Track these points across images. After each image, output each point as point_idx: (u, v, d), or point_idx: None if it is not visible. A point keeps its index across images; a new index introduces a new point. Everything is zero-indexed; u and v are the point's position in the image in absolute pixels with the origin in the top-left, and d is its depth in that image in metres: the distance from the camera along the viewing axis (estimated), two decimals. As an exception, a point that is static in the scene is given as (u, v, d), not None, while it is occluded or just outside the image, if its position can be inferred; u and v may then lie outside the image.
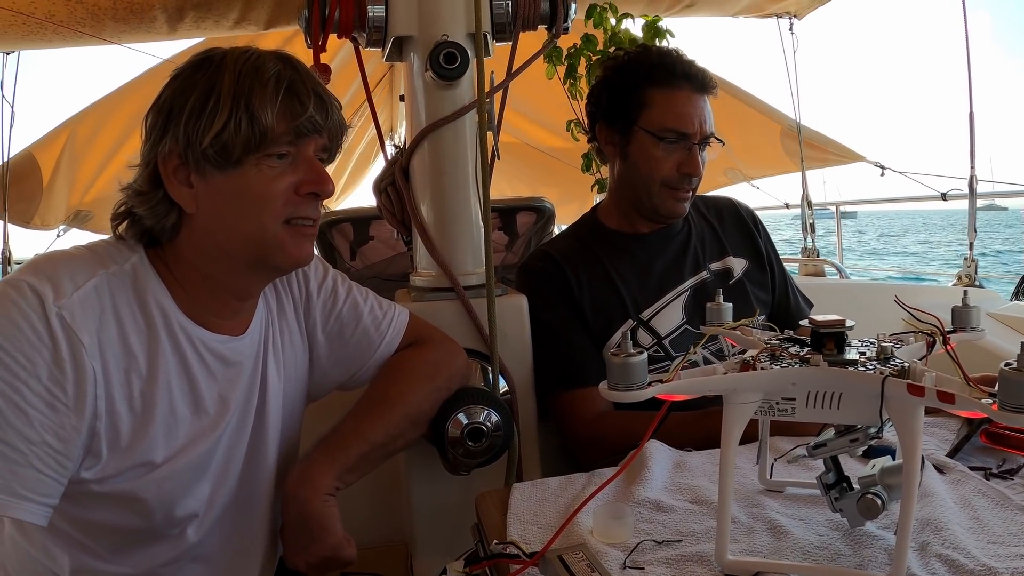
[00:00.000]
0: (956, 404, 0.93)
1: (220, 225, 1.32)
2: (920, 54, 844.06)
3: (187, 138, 1.26)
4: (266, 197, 1.30)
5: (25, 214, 4.75)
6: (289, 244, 1.34)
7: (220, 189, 1.29)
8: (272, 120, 1.26)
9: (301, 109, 1.29)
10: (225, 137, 1.24)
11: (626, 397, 1.02)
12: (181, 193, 1.30)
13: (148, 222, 1.33)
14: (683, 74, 2.00)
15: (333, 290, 1.63)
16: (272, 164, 1.30)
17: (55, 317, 1.19)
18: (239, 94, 1.25)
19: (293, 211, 1.33)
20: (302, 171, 1.33)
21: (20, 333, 1.17)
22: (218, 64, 1.28)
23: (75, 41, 3.90)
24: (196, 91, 1.26)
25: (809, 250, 5.56)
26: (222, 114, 1.24)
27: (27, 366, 1.17)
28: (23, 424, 1.16)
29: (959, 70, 4.45)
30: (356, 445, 1.49)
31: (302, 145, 1.32)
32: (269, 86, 1.27)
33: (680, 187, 2.02)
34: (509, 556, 1.16)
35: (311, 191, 1.33)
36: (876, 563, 1.11)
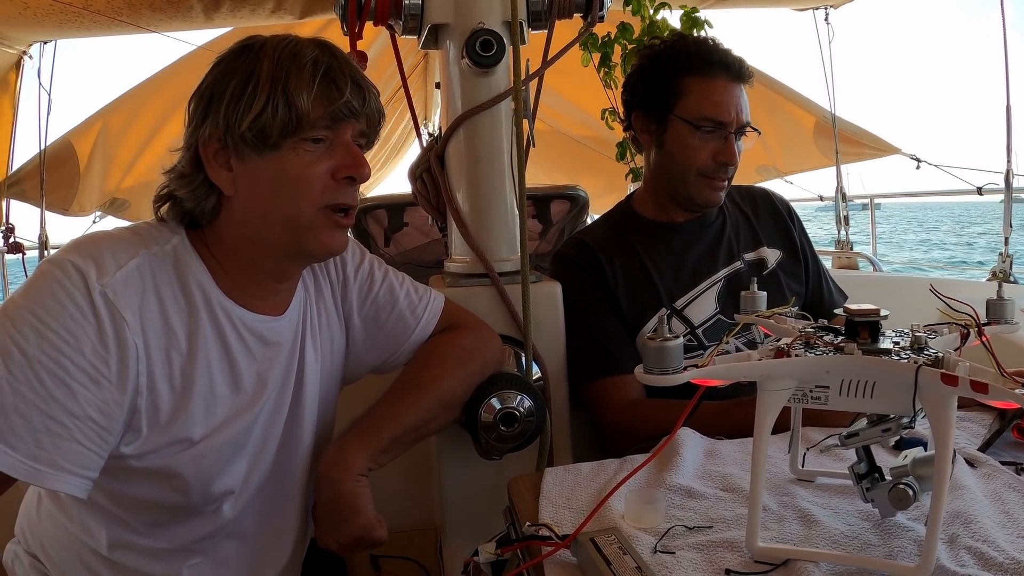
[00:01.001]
0: (990, 394, 0.93)
1: (258, 208, 1.34)
2: (954, 45, 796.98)
3: (227, 122, 1.28)
4: (303, 181, 1.32)
5: (64, 201, 4.81)
6: (324, 232, 1.36)
7: (258, 172, 1.31)
8: (308, 104, 1.28)
9: (338, 94, 1.30)
10: (263, 121, 1.26)
11: (661, 381, 1.02)
12: (221, 176, 1.33)
13: (188, 204, 1.35)
14: (720, 63, 2.00)
15: (370, 274, 1.65)
16: (309, 148, 1.31)
17: (98, 295, 1.22)
18: (277, 79, 1.27)
19: (331, 197, 1.35)
20: (339, 156, 1.34)
21: (64, 310, 1.20)
22: (258, 51, 1.31)
23: (112, 29, 3.94)
24: (236, 76, 1.29)
25: (843, 243, 5.52)
26: (260, 98, 1.26)
27: (71, 342, 1.19)
28: (67, 398, 1.19)
29: (993, 61, 4.41)
30: (389, 427, 1.50)
31: (339, 130, 1.34)
32: (306, 71, 1.29)
33: (716, 176, 2.02)
34: (541, 538, 1.17)
35: (348, 175, 1.35)
36: (905, 554, 1.11)
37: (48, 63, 4.58)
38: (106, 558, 1.40)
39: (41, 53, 4.54)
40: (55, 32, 4.21)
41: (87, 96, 13.99)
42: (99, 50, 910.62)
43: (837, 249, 5.52)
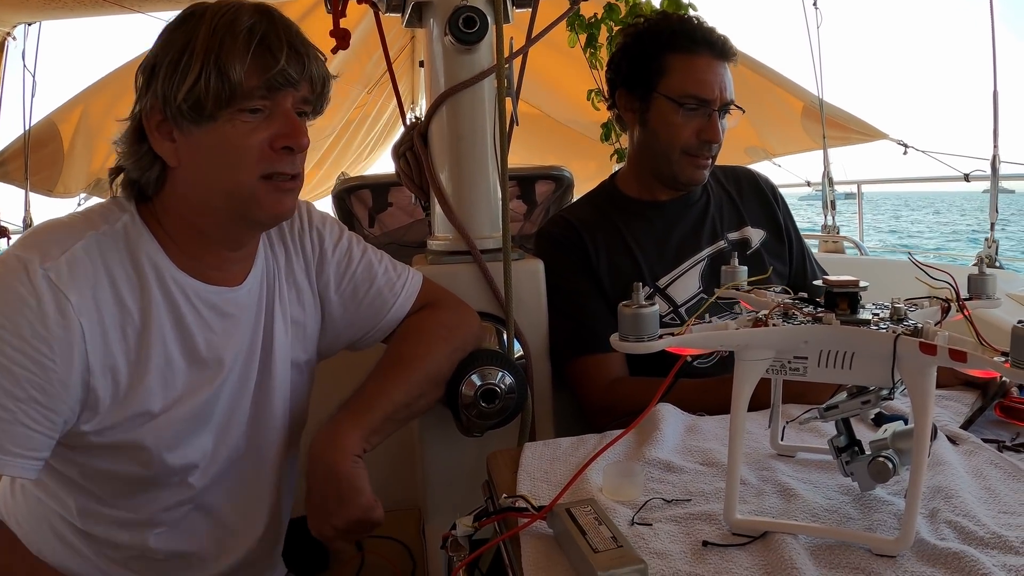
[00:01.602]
0: (968, 362, 0.93)
1: (200, 179, 1.34)
2: (942, 31, 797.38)
3: (164, 94, 1.27)
4: (240, 151, 1.30)
5: (48, 182, 4.79)
6: (265, 199, 1.35)
7: (198, 143, 1.31)
8: (241, 75, 1.26)
9: (273, 62, 1.28)
10: (197, 92, 1.25)
11: (637, 348, 1.02)
12: (164, 147, 1.32)
13: (133, 174, 1.36)
14: (704, 40, 1.99)
15: (348, 251, 1.64)
16: (246, 119, 1.30)
17: (40, 279, 1.23)
18: (211, 49, 1.25)
19: (269, 166, 1.33)
20: (277, 125, 1.32)
21: (3, 302, 1.22)
22: (198, 19, 1.29)
23: (96, 10, 3.92)
24: (175, 47, 1.28)
25: (829, 227, 5.53)
26: (194, 69, 1.25)
27: (8, 327, 1.20)
28: (9, 383, 1.20)
29: (980, 50, 4.42)
30: (381, 406, 1.50)
31: (278, 99, 1.32)
32: (240, 39, 1.27)
33: (700, 154, 2.01)
34: (518, 510, 1.16)
35: (285, 145, 1.32)
36: (885, 527, 1.11)
37: (32, 44, 4.57)
38: (77, 528, 1.39)
39: (25, 34, 4.51)
40: (39, 13, 4.18)
41: (71, 77, 13.87)
42: (83, 31, 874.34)
43: (824, 233, 5.53)
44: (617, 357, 1.98)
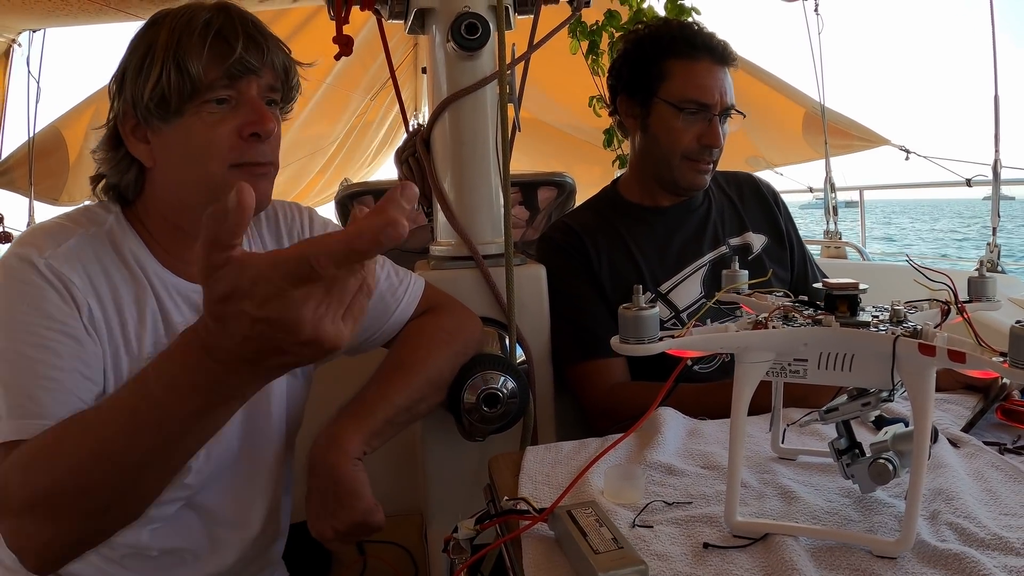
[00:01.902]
0: (967, 363, 0.93)
1: (174, 175, 1.37)
2: (943, 36, 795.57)
3: (132, 96, 1.31)
4: (209, 143, 1.32)
5: (53, 190, 4.80)
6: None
7: (169, 141, 1.34)
8: (200, 68, 1.28)
9: (230, 51, 1.30)
10: (160, 90, 1.28)
11: (637, 350, 1.02)
12: (139, 149, 1.36)
13: (112, 179, 1.40)
14: (704, 45, 2.00)
15: None
16: (212, 110, 1.32)
17: (44, 267, 1.27)
18: (170, 46, 1.28)
19: (238, 156, 1.34)
20: (243, 113, 1.34)
21: (18, 292, 1.26)
22: (160, 22, 1.33)
23: (100, 17, 3.93)
24: (139, 52, 1.32)
25: (831, 233, 5.53)
26: (155, 68, 1.28)
27: (34, 311, 1.24)
28: (51, 356, 1.23)
29: (981, 55, 4.43)
30: (382, 409, 1.51)
31: (241, 87, 1.34)
32: (196, 34, 1.29)
33: (701, 159, 2.02)
34: (519, 512, 1.17)
35: (252, 131, 1.34)
36: (886, 529, 1.11)
37: (37, 51, 4.58)
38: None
39: (30, 41, 4.53)
40: (44, 20, 4.20)
41: (76, 84, 13.96)
42: (88, 38, 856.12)
43: (826, 239, 5.53)
44: (619, 362, 1.98)
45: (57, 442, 1.15)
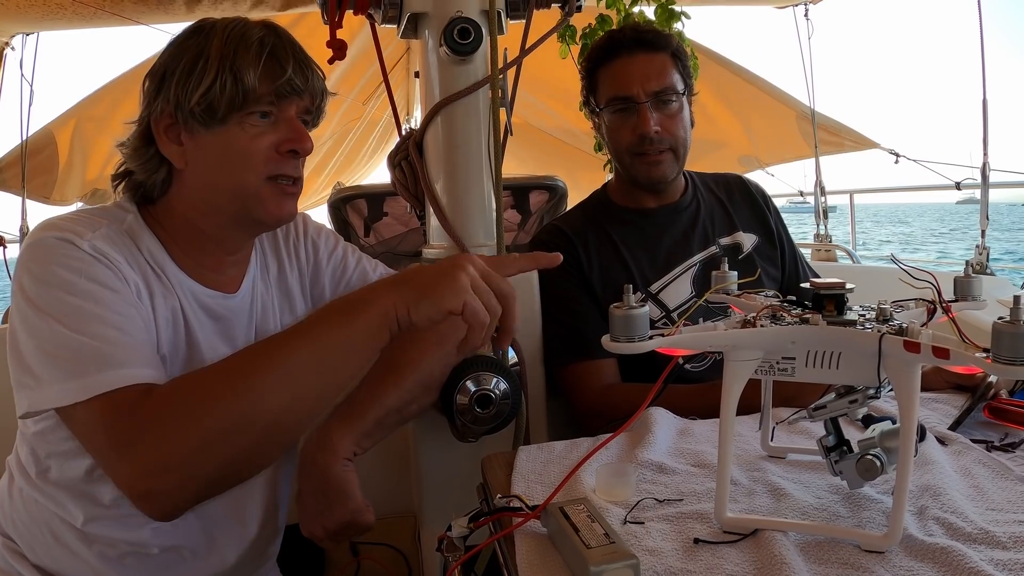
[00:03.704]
0: (951, 359, 0.95)
1: (206, 180, 1.39)
2: (932, 40, 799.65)
3: (177, 98, 1.33)
4: (249, 153, 1.36)
5: (44, 188, 4.79)
6: (270, 200, 1.40)
7: (207, 146, 1.36)
8: (254, 81, 1.33)
9: (281, 71, 1.35)
10: (211, 96, 1.32)
11: (628, 348, 1.03)
12: (171, 150, 1.38)
13: (140, 177, 1.41)
14: (617, 43, 2.04)
15: (343, 259, 1.69)
16: (255, 123, 1.36)
17: (88, 247, 1.27)
18: (225, 57, 1.32)
19: (275, 168, 1.39)
20: (283, 130, 1.39)
21: (68, 264, 1.25)
22: (208, 31, 1.36)
23: (94, 21, 3.93)
24: (187, 55, 1.35)
25: (822, 236, 5.55)
26: (209, 75, 1.32)
27: (91, 281, 1.25)
28: (116, 315, 1.24)
29: (972, 62, 4.44)
30: (372, 410, 1.53)
31: (284, 106, 1.39)
32: (252, 50, 1.34)
33: (645, 151, 2.03)
34: (512, 509, 1.18)
35: (291, 148, 1.39)
36: (874, 524, 1.13)
37: (31, 55, 4.57)
38: (76, 528, 1.39)
39: (24, 45, 4.52)
40: (38, 24, 4.20)
41: (69, 88, 13.92)
42: (82, 42, 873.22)
43: (816, 242, 5.55)
44: (610, 363, 1.99)
45: (203, 389, 1.16)
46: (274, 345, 1.19)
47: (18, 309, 1.25)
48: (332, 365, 1.19)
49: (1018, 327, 0.88)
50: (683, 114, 2.06)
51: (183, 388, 1.18)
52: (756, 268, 2.09)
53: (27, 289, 1.24)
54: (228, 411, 1.13)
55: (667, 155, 2.05)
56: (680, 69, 2.05)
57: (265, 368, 1.15)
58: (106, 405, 1.16)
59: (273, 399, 1.15)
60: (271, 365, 1.15)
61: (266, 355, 1.17)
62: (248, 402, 1.14)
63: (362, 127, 8.22)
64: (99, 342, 1.19)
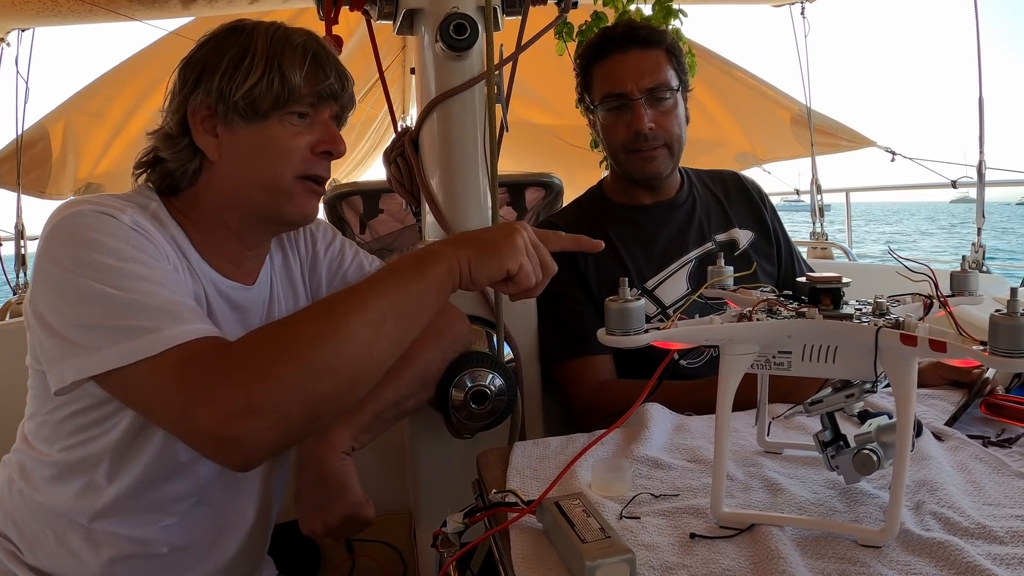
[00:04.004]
0: (948, 352, 0.94)
1: (240, 172, 1.42)
2: (929, 38, 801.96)
3: (220, 92, 1.37)
4: (286, 150, 1.41)
5: (39, 182, 4.77)
6: (300, 197, 1.44)
7: (245, 139, 1.40)
8: (300, 81, 1.38)
9: (324, 76, 1.41)
10: (256, 92, 1.36)
11: (623, 342, 1.03)
12: (206, 142, 1.40)
13: (172, 165, 1.42)
14: (610, 40, 2.04)
15: (340, 251, 1.70)
16: (293, 122, 1.41)
17: (129, 221, 1.28)
18: (272, 56, 1.37)
19: (309, 168, 1.43)
20: (319, 132, 1.43)
21: (114, 233, 1.25)
22: (250, 31, 1.41)
23: (89, 17, 3.92)
24: (231, 52, 1.38)
25: (818, 234, 5.55)
26: (256, 72, 1.36)
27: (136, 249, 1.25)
28: (170, 279, 1.27)
29: (968, 61, 4.45)
30: (370, 404, 1.53)
31: (320, 109, 1.44)
32: (298, 52, 1.40)
33: (640, 147, 2.02)
34: (507, 505, 1.18)
35: (325, 149, 1.43)
36: (871, 519, 1.12)
37: (26, 51, 4.55)
38: (86, 529, 1.39)
39: (19, 40, 4.50)
40: (33, 20, 4.19)
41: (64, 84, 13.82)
42: (77, 38, 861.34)
43: (812, 240, 5.55)
44: (605, 360, 1.99)
45: (290, 335, 1.17)
46: (353, 297, 1.21)
47: (54, 282, 1.22)
48: (406, 315, 1.23)
49: (1015, 319, 0.88)
50: (678, 110, 2.05)
51: (269, 334, 1.20)
52: (752, 264, 2.10)
53: (67, 259, 1.22)
54: (315, 355, 1.15)
55: (661, 151, 2.04)
56: (675, 65, 2.04)
57: (347, 317, 1.18)
58: (180, 356, 1.15)
59: (356, 346, 1.18)
60: (353, 314, 1.18)
61: (346, 305, 1.20)
62: (333, 347, 1.15)
63: (358, 124, 8.22)
64: (159, 302, 1.19)
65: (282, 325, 1.21)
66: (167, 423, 1.17)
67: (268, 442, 1.14)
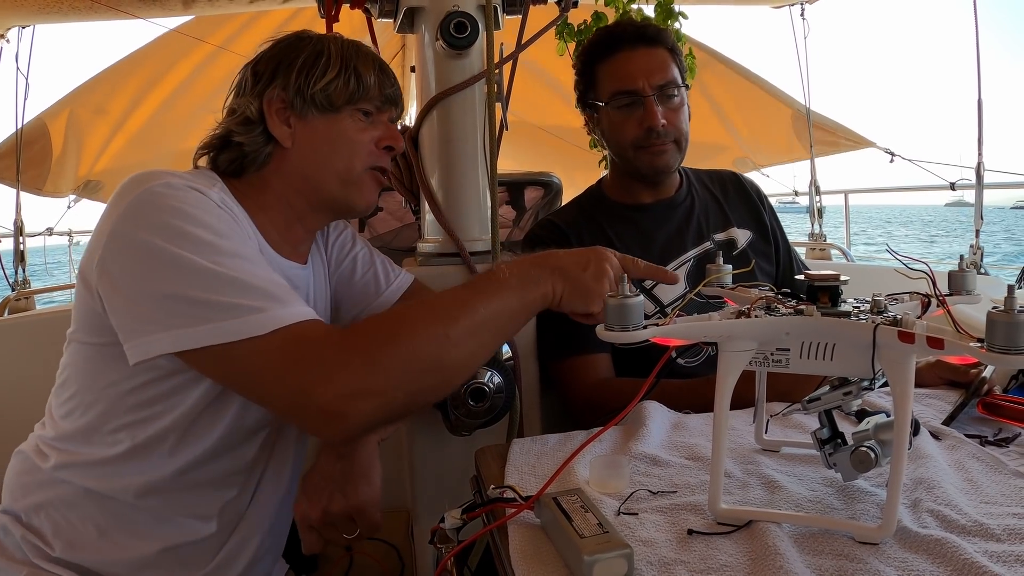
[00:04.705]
0: (946, 349, 0.95)
1: (313, 159, 1.53)
2: (929, 40, 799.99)
3: (297, 86, 1.50)
4: (356, 142, 1.54)
5: (37, 180, 4.76)
6: (367, 186, 1.58)
7: (318, 130, 1.52)
8: (372, 82, 1.54)
9: (389, 84, 1.58)
10: (332, 88, 1.50)
11: (622, 337, 1.04)
12: (281, 131, 1.51)
13: (248, 148, 1.51)
14: (618, 37, 2.05)
15: (351, 239, 1.79)
16: (360, 118, 1.54)
17: (217, 198, 1.37)
18: (347, 58, 1.53)
19: (375, 160, 1.57)
20: (381, 129, 1.58)
21: (210, 206, 1.33)
22: (319, 38, 1.56)
23: (90, 15, 3.92)
24: (305, 52, 1.52)
25: (816, 235, 5.55)
26: (332, 69, 1.51)
27: (230, 228, 1.33)
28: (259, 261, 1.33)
29: (966, 64, 4.46)
30: None
31: (383, 110, 1.59)
32: (369, 60, 1.57)
33: (651, 144, 2.04)
34: (505, 500, 1.18)
35: (388, 144, 1.58)
36: (868, 516, 1.13)
37: (27, 48, 4.55)
38: (133, 515, 1.42)
39: (19, 37, 4.50)
40: (34, 17, 4.19)
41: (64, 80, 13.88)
42: (77, 35, 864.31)
43: (810, 241, 5.55)
44: (604, 358, 2.00)
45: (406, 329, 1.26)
46: (463, 303, 1.31)
47: (143, 251, 1.25)
48: (503, 326, 1.35)
49: (1012, 316, 0.88)
50: (684, 107, 2.08)
51: (384, 327, 1.29)
52: (750, 264, 2.10)
53: (160, 228, 1.25)
54: (424, 354, 1.25)
55: (671, 146, 2.06)
56: (678, 63, 2.06)
57: (456, 323, 1.28)
58: (289, 337, 1.22)
59: (459, 350, 1.27)
60: (462, 320, 1.28)
61: (457, 311, 1.29)
62: (440, 348, 1.26)
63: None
64: (260, 283, 1.26)
65: (397, 321, 1.30)
66: (275, 398, 1.25)
67: (371, 421, 1.25)
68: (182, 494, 1.44)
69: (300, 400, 1.21)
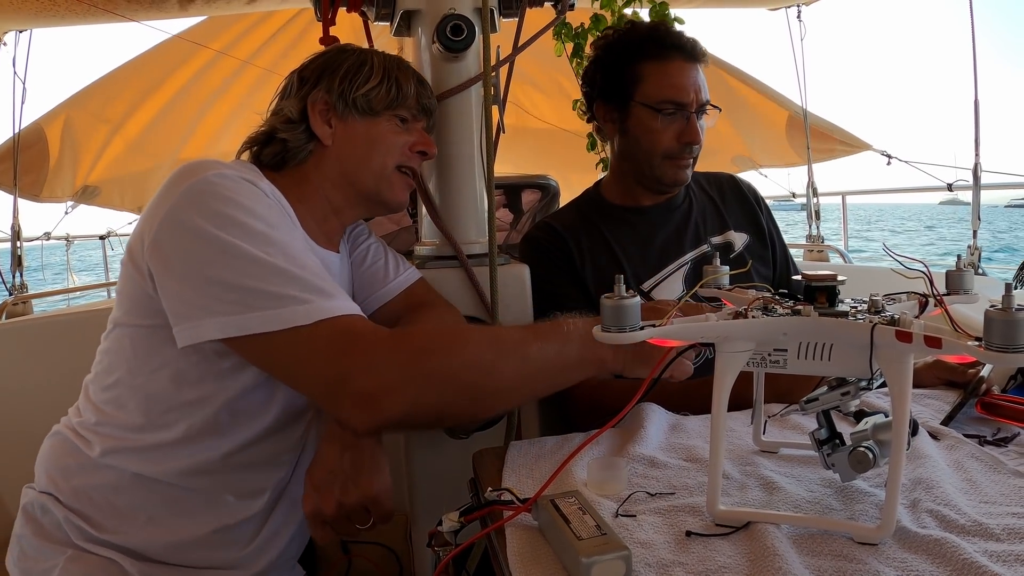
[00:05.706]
0: (943, 348, 0.94)
1: (351, 157, 1.64)
2: (925, 41, 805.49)
3: (340, 90, 1.61)
4: (392, 144, 1.66)
5: (34, 186, 4.76)
6: (397, 184, 1.69)
7: (357, 131, 1.64)
8: (411, 92, 1.66)
9: (427, 96, 1.72)
10: (373, 94, 1.62)
11: (619, 339, 1.03)
12: (323, 130, 1.63)
13: (291, 144, 1.62)
14: (673, 45, 2.03)
15: (366, 232, 1.88)
16: (396, 124, 1.66)
17: (268, 191, 1.47)
18: (388, 69, 1.65)
19: (407, 160, 1.68)
20: (416, 135, 1.69)
21: (263, 199, 1.42)
22: (361, 50, 1.69)
23: (87, 18, 3.92)
24: (348, 61, 1.64)
25: (814, 237, 5.55)
26: (375, 77, 1.63)
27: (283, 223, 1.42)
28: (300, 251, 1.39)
29: (962, 65, 4.45)
30: None
31: (419, 119, 1.71)
32: (409, 72, 1.69)
33: (681, 156, 2.05)
34: (503, 503, 1.18)
35: (421, 149, 1.70)
36: (867, 516, 1.12)
37: (24, 52, 4.54)
38: (176, 495, 1.45)
39: (16, 41, 4.49)
40: (32, 21, 4.18)
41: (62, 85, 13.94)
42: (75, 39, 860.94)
43: (808, 243, 5.55)
44: None
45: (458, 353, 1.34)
46: (521, 343, 1.39)
47: (196, 235, 1.31)
48: (553, 375, 1.43)
49: (1009, 314, 0.88)
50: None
51: (437, 341, 1.37)
52: (747, 266, 2.10)
53: (214, 215, 1.31)
54: (468, 378, 1.33)
55: (693, 163, 2.11)
56: None
57: (508, 361, 1.36)
58: (335, 329, 1.29)
59: (502, 379, 1.35)
60: (514, 360, 1.37)
61: (511, 348, 1.38)
62: (485, 377, 1.34)
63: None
64: (308, 275, 1.32)
65: (452, 335, 1.40)
66: (315, 383, 1.31)
67: (400, 419, 1.31)
68: (233, 474, 1.49)
69: (339, 386, 1.27)
